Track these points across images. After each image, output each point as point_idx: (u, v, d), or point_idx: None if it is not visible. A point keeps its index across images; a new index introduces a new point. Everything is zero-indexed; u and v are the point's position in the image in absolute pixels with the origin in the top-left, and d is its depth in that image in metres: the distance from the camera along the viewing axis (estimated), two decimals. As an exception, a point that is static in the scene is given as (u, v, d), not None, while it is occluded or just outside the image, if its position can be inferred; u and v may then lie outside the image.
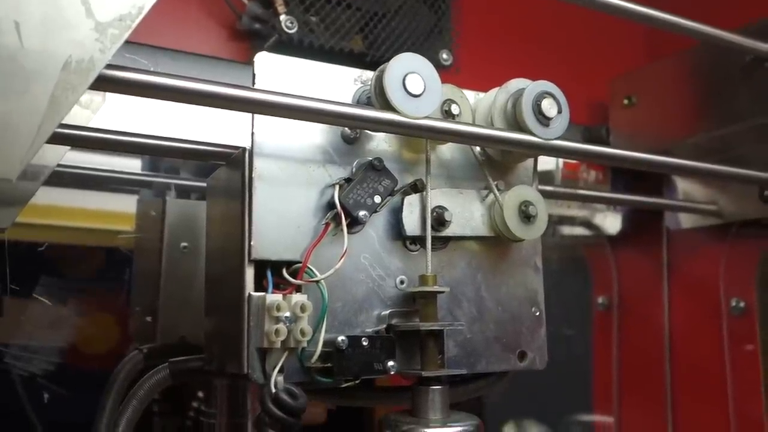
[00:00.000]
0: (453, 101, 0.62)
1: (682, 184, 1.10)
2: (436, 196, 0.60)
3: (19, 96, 0.39)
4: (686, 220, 1.11)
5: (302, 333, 0.51)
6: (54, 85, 0.40)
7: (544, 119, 0.59)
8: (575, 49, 1.15)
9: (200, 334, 0.65)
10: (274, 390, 0.50)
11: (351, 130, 0.58)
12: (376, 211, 0.57)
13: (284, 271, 0.53)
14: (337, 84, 0.59)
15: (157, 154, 0.85)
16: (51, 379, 0.86)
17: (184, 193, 0.91)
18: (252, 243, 0.53)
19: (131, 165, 0.92)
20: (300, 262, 0.54)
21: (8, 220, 0.65)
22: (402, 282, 0.59)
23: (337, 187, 0.56)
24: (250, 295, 0.52)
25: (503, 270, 0.64)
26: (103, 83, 0.43)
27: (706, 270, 1.09)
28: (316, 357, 0.52)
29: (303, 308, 0.51)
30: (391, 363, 0.55)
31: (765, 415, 0.99)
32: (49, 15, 0.40)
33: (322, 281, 0.53)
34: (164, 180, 0.91)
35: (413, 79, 0.54)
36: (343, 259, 0.54)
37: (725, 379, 1.04)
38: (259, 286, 0.53)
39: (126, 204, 0.91)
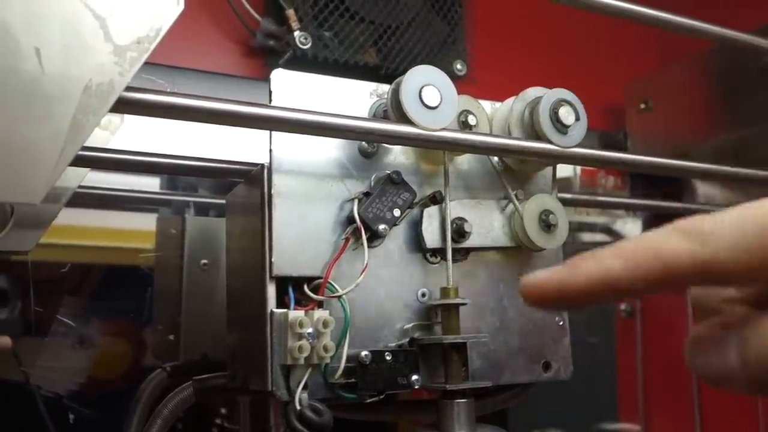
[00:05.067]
0: (469, 112, 0.61)
1: (702, 188, 1.09)
2: (455, 208, 0.60)
3: (41, 121, 0.39)
4: (707, 224, 1.10)
5: (325, 349, 0.51)
6: (75, 109, 0.40)
7: (562, 127, 0.58)
8: (590, 55, 1.14)
9: (222, 350, 0.65)
10: (298, 407, 0.50)
11: (368, 144, 0.58)
12: (395, 225, 0.57)
13: (305, 287, 0.53)
14: (353, 98, 0.59)
15: (176, 173, 0.86)
16: (76, 400, 0.86)
17: (202, 210, 0.92)
18: (273, 260, 0.53)
19: (150, 184, 0.93)
20: (321, 278, 0.54)
21: (32, 242, 0.66)
22: (423, 295, 0.59)
23: (356, 201, 0.56)
24: (272, 311, 0.52)
25: (525, 280, 0.64)
26: (123, 105, 0.43)
27: (729, 274, 1.07)
28: (339, 373, 0.52)
29: (325, 324, 0.51)
30: (415, 377, 0.54)
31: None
32: (68, 40, 0.40)
33: (344, 296, 0.53)
34: (183, 198, 0.91)
35: (429, 91, 0.54)
36: (364, 273, 0.54)
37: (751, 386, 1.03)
38: (281, 302, 0.53)
39: (146, 222, 0.92)
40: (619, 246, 0.31)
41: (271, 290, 0.53)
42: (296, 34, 0.80)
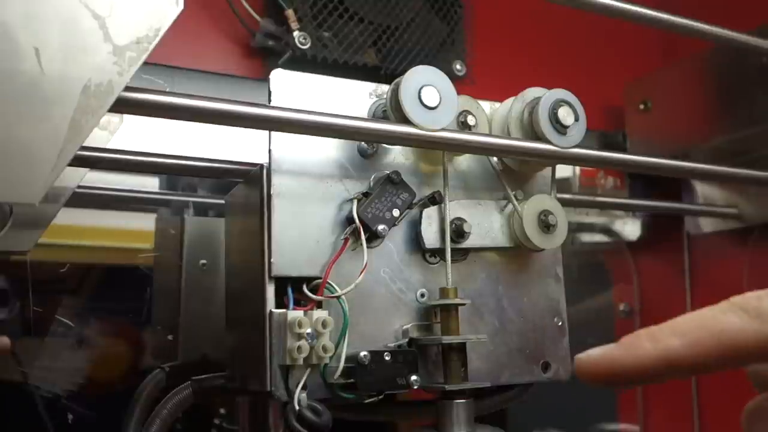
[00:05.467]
0: (469, 112, 0.61)
1: (702, 188, 1.09)
2: (454, 208, 0.60)
3: (40, 121, 0.39)
4: (707, 225, 1.10)
5: (324, 349, 0.51)
6: (74, 110, 0.40)
7: (561, 128, 0.58)
8: (590, 55, 1.14)
9: (222, 351, 0.65)
10: (297, 407, 0.50)
11: (368, 144, 0.58)
12: (394, 225, 0.57)
13: (305, 288, 0.53)
14: (352, 98, 0.59)
15: (175, 172, 0.86)
16: (75, 400, 0.86)
17: (202, 210, 0.92)
18: (272, 260, 0.53)
19: (149, 184, 0.93)
20: (320, 278, 0.54)
21: (30, 242, 0.65)
22: (422, 295, 0.59)
23: (355, 201, 0.56)
24: (271, 312, 0.52)
25: (524, 280, 0.64)
26: (122, 105, 0.43)
27: (729, 274, 1.07)
28: (338, 373, 0.52)
29: (324, 324, 0.51)
30: (414, 377, 0.54)
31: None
32: (67, 40, 0.40)
33: (343, 296, 0.53)
34: (182, 198, 0.91)
35: (429, 92, 0.54)
36: (363, 273, 0.54)
37: (751, 385, 1.03)
38: (280, 302, 0.53)
39: (145, 222, 0.92)
40: (674, 323, 0.32)
41: (271, 290, 0.53)
42: (295, 34, 0.80)
